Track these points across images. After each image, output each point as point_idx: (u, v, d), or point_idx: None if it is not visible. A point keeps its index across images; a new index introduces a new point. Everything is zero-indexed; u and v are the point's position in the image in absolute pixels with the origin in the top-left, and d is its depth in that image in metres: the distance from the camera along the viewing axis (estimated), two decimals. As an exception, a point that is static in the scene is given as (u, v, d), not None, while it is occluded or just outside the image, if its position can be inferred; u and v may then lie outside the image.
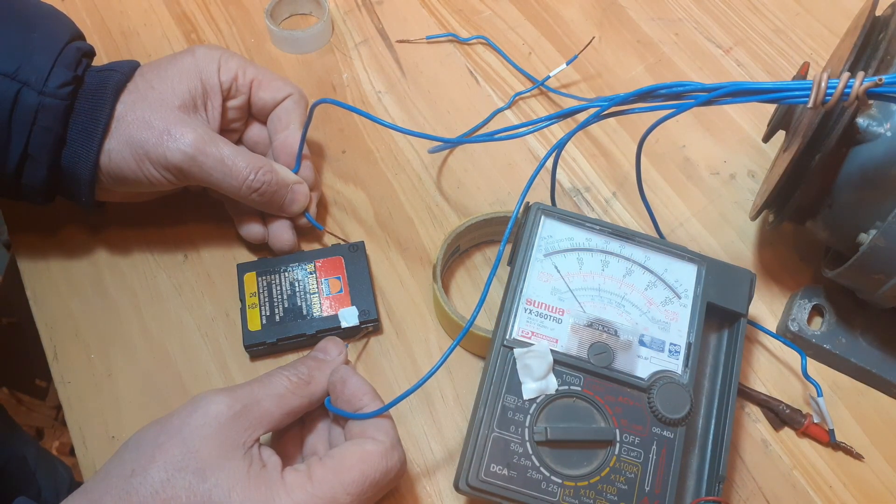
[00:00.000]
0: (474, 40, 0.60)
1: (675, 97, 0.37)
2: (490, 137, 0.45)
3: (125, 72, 0.44)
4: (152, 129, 0.43)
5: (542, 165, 0.42)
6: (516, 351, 0.38)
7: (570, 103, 0.57)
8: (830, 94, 0.34)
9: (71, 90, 0.42)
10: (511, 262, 0.41)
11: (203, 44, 0.55)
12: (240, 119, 0.49)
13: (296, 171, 0.48)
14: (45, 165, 0.42)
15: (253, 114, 0.50)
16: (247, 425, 0.35)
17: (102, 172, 0.44)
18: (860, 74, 0.33)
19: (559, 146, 0.42)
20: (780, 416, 0.44)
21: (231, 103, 0.47)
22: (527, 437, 0.37)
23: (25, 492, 0.69)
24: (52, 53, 0.42)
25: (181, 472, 0.33)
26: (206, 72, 0.46)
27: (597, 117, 0.39)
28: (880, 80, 0.33)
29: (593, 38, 0.60)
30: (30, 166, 0.42)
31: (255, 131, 0.50)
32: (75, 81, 0.42)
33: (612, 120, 0.56)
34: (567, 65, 0.57)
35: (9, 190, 0.44)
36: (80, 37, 0.46)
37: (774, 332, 0.47)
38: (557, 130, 0.56)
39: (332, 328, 0.45)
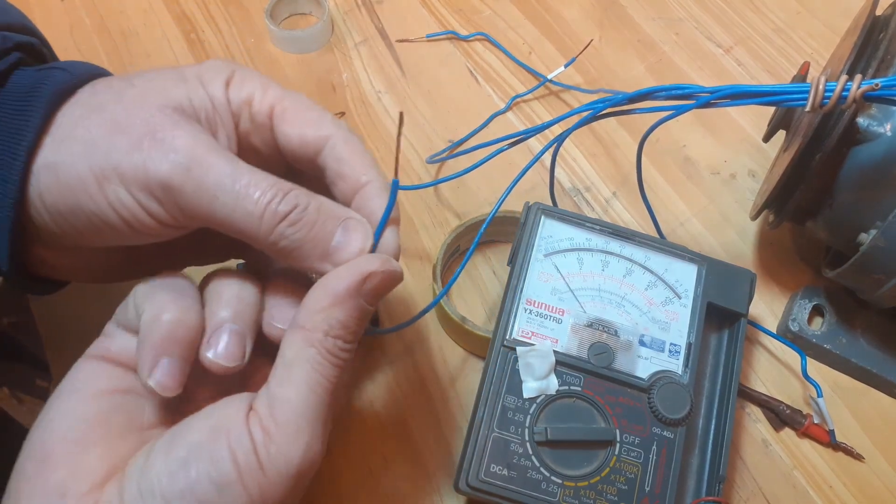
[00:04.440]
0: (474, 37, 0.60)
1: (674, 99, 0.37)
2: (494, 151, 0.44)
3: (79, 73, 0.31)
4: (126, 133, 0.29)
5: (536, 160, 0.42)
6: (519, 349, 0.38)
7: (573, 96, 0.57)
8: (828, 97, 0.34)
9: None
10: (511, 262, 0.41)
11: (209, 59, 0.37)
12: (274, 167, 0.32)
13: (375, 244, 0.32)
14: None
15: (292, 170, 0.34)
16: None
17: (41, 204, 0.29)
18: (857, 77, 0.33)
19: (557, 140, 0.42)
20: (780, 416, 0.44)
21: (252, 139, 0.33)
22: (527, 438, 0.37)
23: None
24: None
25: None
26: (210, 82, 0.32)
27: (593, 117, 0.39)
28: (877, 84, 0.33)
29: (591, 40, 0.60)
30: None
31: None
32: None
33: (612, 119, 0.56)
34: (565, 67, 0.57)
35: None
36: (21, 28, 0.33)
37: (775, 332, 0.47)
38: (558, 130, 0.56)
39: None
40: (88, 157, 0.28)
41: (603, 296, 0.40)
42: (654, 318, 0.40)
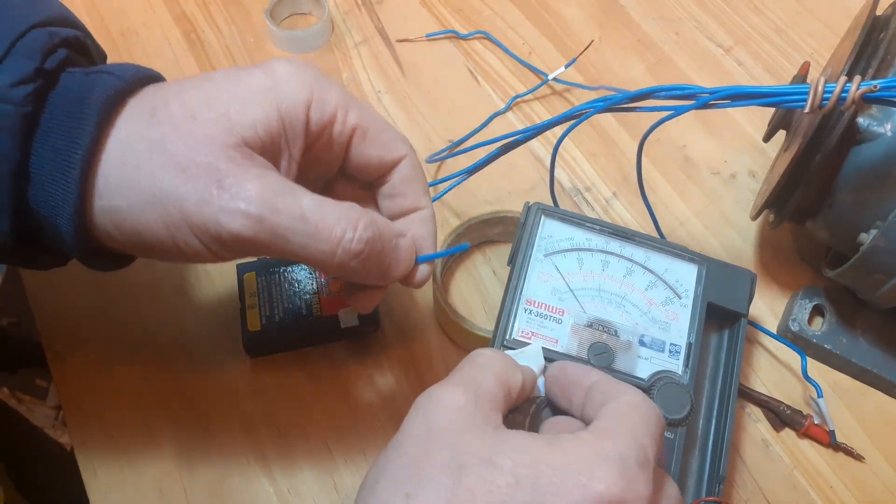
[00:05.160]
0: (474, 36, 0.60)
1: (674, 99, 0.37)
2: (493, 150, 0.44)
3: (128, 78, 0.30)
4: (192, 179, 0.28)
5: (530, 136, 0.42)
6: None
7: (574, 96, 0.57)
8: (827, 99, 0.34)
9: (33, 90, 0.28)
10: (511, 262, 0.41)
11: (277, 58, 0.34)
12: (325, 177, 0.35)
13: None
14: (4, 212, 0.29)
15: (346, 172, 0.35)
16: (489, 407, 0.29)
17: (106, 237, 0.31)
18: (857, 79, 0.33)
19: (558, 141, 0.42)
20: (780, 416, 0.44)
21: (319, 153, 0.33)
22: (527, 438, 0.37)
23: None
24: (8, 36, 0.29)
25: (465, 469, 0.26)
26: (289, 101, 0.31)
27: (590, 115, 0.39)
28: (875, 86, 0.33)
29: (592, 41, 0.60)
30: None
31: (341, 191, 0.36)
32: (40, 77, 0.29)
33: (612, 119, 0.56)
34: (566, 67, 0.57)
35: None
36: (62, 21, 0.32)
37: (775, 332, 0.47)
38: (558, 130, 0.56)
39: (331, 329, 0.45)
40: (156, 204, 0.29)
41: (603, 296, 0.40)
42: (654, 318, 0.40)
